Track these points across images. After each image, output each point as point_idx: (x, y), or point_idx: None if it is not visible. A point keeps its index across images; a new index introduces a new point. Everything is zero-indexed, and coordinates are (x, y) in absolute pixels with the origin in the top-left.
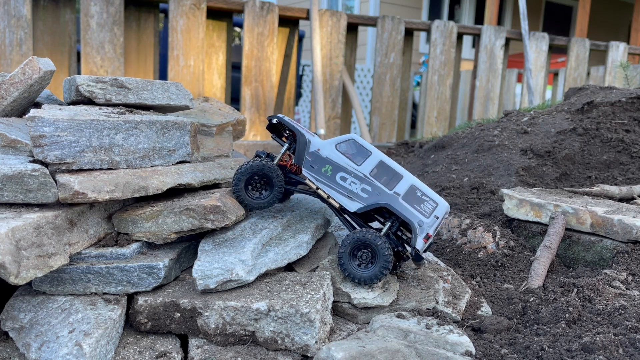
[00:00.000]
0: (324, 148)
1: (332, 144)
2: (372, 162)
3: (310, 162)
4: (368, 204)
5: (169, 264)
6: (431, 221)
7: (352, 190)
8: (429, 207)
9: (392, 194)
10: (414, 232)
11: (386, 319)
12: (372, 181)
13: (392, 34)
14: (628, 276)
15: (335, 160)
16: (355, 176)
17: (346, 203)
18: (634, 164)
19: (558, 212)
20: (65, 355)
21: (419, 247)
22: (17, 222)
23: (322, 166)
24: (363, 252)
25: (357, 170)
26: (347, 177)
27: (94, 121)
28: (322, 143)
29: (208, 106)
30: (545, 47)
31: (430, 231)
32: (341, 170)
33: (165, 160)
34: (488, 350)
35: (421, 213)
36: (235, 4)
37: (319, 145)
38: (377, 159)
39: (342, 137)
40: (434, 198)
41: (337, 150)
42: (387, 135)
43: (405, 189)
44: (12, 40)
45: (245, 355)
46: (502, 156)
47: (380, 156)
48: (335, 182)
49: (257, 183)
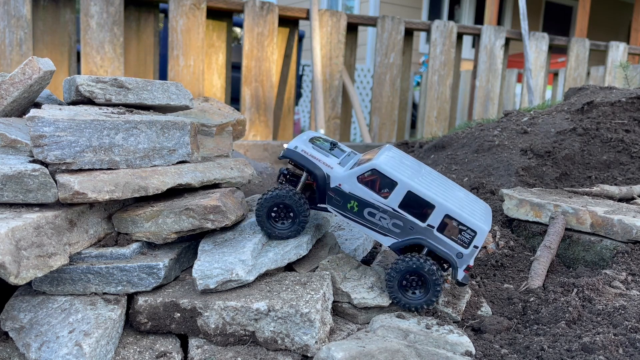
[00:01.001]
0: (345, 182)
1: (354, 177)
2: (400, 193)
3: (334, 198)
4: (401, 239)
5: (169, 264)
6: (471, 252)
7: (382, 225)
8: (467, 237)
9: (425, 227)
10: (453, 265)
11: (386, 319)
12: (403, 215)
13: (392, 34)
14: (628, 276)
15: (359, 196)
16: (383, 211)
17: (379, 238)
18: (634, 164)
19: (558, 212)
20: (65, 355)
21: (459, 278)
22: (17, 222)
23: (347, 202)
24: (412, 279)
25: (384, 204)
26: (375, 212)
27: (94, 121)
28: (343, 176)
29: (208, 106)
30: (545, 47)
31: (470, 262)
32: (368, 205)
33: (165, 160)
34: (488, 350)
35: (459, 244)
36: (235, 4)
37: (339, 179)
38: (404, 189)
39: (364, 167)
40: (472, 226)
41: (361, 183)
42: (387, 135)
43: (439, 219)
44: (12, 40)
45: (245, 355)
46: (502, 156)
47: (408, 186)
48: (363, 217)
49: (281, 212)
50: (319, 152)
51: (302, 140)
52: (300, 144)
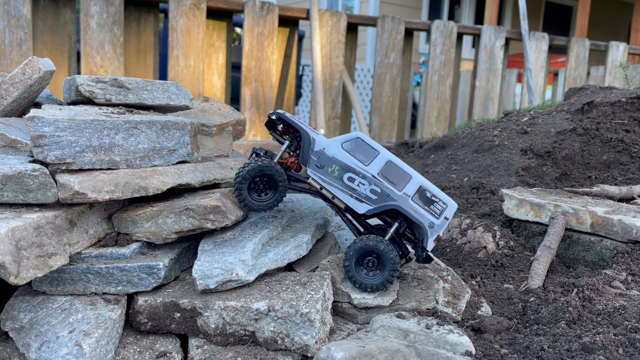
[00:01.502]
0: (330, 147)
1: (338, 143)
2: (380, 161)
3: (316, 161)
4: (377, 205)
5: (169, 264)
6: (442, 222)
7: (360, 191)
8: (439, 208)
9: (401, 195)
10: (425, 234)
11: (386, 319)
12: (381, 182)
13: (392, 34)
14: (628, 276)
15: (342, 160)
16: (363, 177)
17: (354, 205)
18: (634, 164)
19: (558, 212)
20: (65, 355)
21: (430, 248)
22: (17, 222)
23: (328, 166)
24: (369, 259)
25: (365, 170)
26: (355, 177)
27: (94, 121)
28: (328, 142)
29: (208, 106)
30: (545, 47)
31: (440, 232)
32: (349, 170)
33: (165, 160)
34: (488, 350)
35: (432, 214)
36: (235, 4)
37: (324, 144)
38: (385, 158)
39: (348, 135)
40: (443, 199)
41: (344, 149)
42: (387, 135)
43: (414, 189)
44: (12, 40)
45: (245, 355)
46: (502, 156)
47: (388, 155)
48: (342, 183)
49: (260, 184)
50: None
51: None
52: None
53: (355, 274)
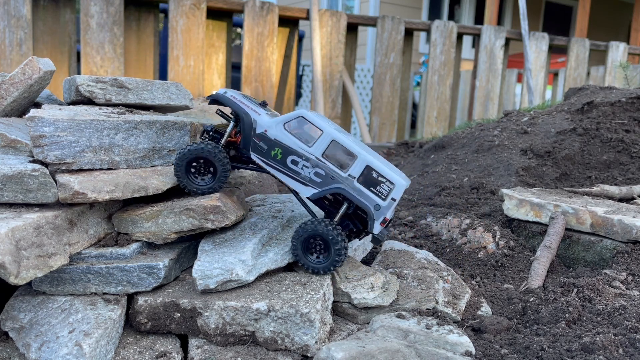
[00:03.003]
0: (272, 128)
1: (280, 124)
2: (324, 141)
3: (258, 145)
4: (322, 189)
5: (169, 264)
6: (388, 204)
7: (304, 175)
8: (386, 189)
9: (346, 177)
10: (370, 217)
11: (386, 319)
12: (325, 164)
13: (392, 34)
14: (628, 276)
15: (284, 143)
16: (306, 159)
17: (299, 188)
18: (634, 164)
19: (558, 212)
20: (65, 355)
21: (376, 231)
22: (17, 222)
23: (271, 149)
24: (317, 243)
25: (308, 152)
26: (299, 160)
27: (94, 121)
28: (270, 122)
29: (208, 106)
30: (545, 47)
31: (387, 215)
32: (291, 153)
33: (165, 160)
34: (488, 350)
35: (378, 196)
36: (235, 4)
37: (266, 125)
38: (329, 137)
39: (291, 114)
40: (390, 179)
41: (286, 130)
42: (387, 135)
43: (360, 170)
44: (12, 40)
45: (245, 355)
46: (502, 156)
47: (332, 134)
48: (286, 166)
49: (200, 167)
50: (248, 101)
51: (232, 90)
52: (230, 91)
53: (303, 257)
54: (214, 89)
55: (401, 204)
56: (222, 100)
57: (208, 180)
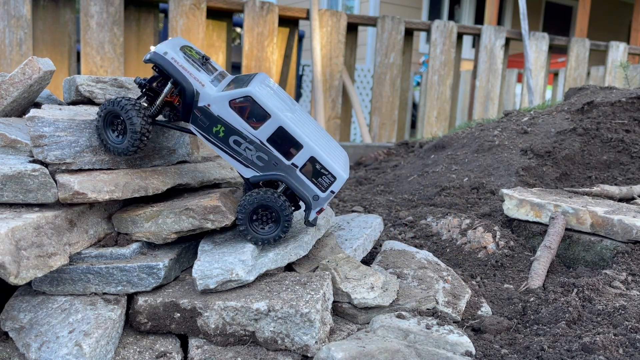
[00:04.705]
0: (216, 104)
1: (226, 100)
2: (271, 127)
3: (199, 118)
4: (263, 173)
5: (168, 264)
6: (327, 196)
7: (245, 156)
8: (327, 181)
9: (289, 166)
10: (308, 206)
11: (386, 319)
12: (269, 149)
13: (392, 34)
14: (628, 276)
15: (228, 121)
16: (250, 142)
17: (240, 169)
18: (634, 164)
19: (558, 212)
20: (65, 355)
21: (311, 219)
22: (17, 222)
23: (213, 125)
24: (263, 214)
25: (252, 135)
26: (242, 142)
27: (94, 121)
28: (214, 97)
29: None
30: (545, 47)
31: (324, 205)
32: (235, 133)
33: (165, 160)
34: (488, 350)
35: (319, 187)
36: (235, 4)
37: (209, 99)
38: (276, 124)
39: (239, 91)
40: (332, 172)
41: (231, 108)
42: (387, 135)
43: (304, 160)
44: (12, 40)
45: (245, 355)
46: (502, 156)
47: (280, 120)
48: (228, 145)
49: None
50: (191, 64)
51: (173, 46)
52: (171, 50)
53: (249, 228)
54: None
55: (401, 204)
56: (160, 63)
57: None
